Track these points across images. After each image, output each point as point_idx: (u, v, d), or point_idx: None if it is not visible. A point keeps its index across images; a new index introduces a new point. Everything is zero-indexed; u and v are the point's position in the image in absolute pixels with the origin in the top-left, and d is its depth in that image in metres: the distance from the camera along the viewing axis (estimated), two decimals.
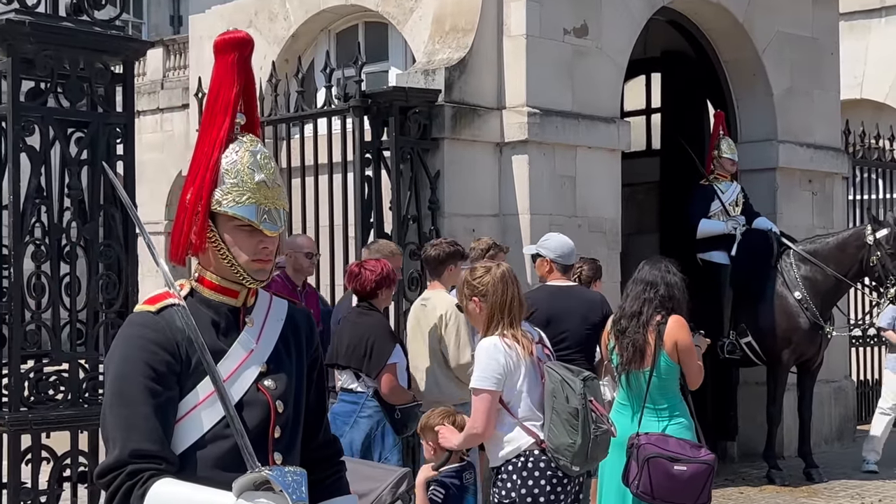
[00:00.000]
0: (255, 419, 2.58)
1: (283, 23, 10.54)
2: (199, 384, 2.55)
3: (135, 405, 2.48)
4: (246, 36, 2.69)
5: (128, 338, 2.58)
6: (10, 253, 6.21)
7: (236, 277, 2.65)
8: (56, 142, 6.34)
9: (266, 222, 2.63)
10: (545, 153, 9.04)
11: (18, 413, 6.14)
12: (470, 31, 8.98)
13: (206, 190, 2.62)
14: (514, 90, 9.00)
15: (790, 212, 11.18)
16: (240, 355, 2.62)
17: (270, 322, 2.72)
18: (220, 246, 2.63)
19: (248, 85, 2.71)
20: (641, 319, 5.72)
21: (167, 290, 2.64)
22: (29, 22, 6.17)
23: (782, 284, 10.04)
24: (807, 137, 11.40)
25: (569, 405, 4.71)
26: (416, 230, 8.48)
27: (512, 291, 4.89)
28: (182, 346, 2.55)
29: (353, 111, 8.36)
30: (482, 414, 4.76)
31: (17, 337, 6.17)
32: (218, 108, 2.67)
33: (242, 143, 2.68)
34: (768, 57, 11.05)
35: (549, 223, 9.03)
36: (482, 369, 4.78)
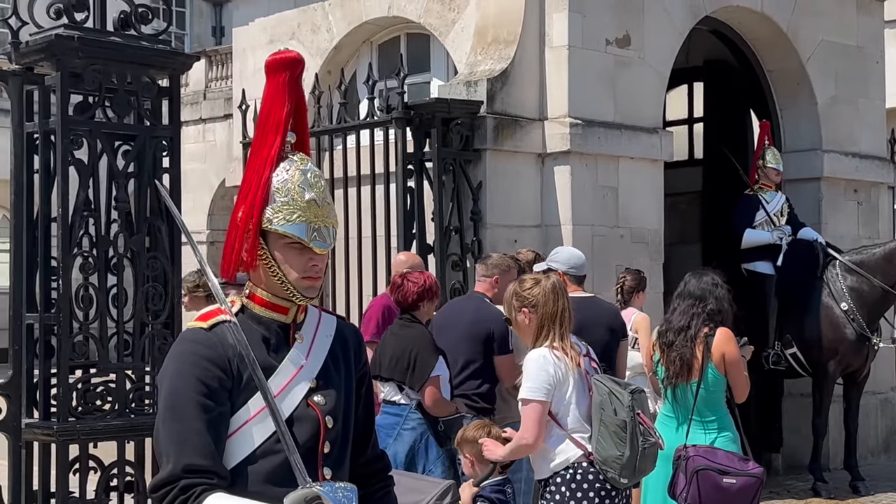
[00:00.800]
0: (305, 434, 2.62)
1: (325, 35, 10.60)
2: (250, 400, 2.59)
3: (188, 420, 2.52)
4: (297, 56, 2.73)
5: (181, 354, 2.62)
6: (59, 265, 6.27)
7: (286, 294, 2.69)
8: (103, 155, 6.41)
9: (316, 240, 2.68)
10: (587, 164, 9.05)
11: (66, 423, 6.20)
12: (512, 43, 9.00)
13: (258, 208, 2.67)
14: (557, 101, 9.01)
15: (835, 222, 11.10)
16: (290, 371, 2.66)
17: (320, 338, 2.76)
18: (271, 263, 2.67)
19: (299, 104, 2.75)
20: (689, 333, 5.72)
21: (219, 306, 2.69)
22: (77, 37, 6.23)
23: (828, 295, 9.97)
24: (852, 147, 11.32)
25: (617, 417, 4.74)
26: (459, 241, 8.50)
27: (562, 303, 4.92)
28: (234, 362, 2.59)
29: (396, 122, 8.40)
30: (533, 424, 4.77)
31: (66, 348, 6.23)
32: (269, 128, 2.72)
33: (293, 162, 2.72)
34: (812, 66, 10.99)
35: (591, 234, 9.04)
36: (532, 380, 4.80)
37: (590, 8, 9.14)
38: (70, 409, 6.22)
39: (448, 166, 8.47)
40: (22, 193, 6.41)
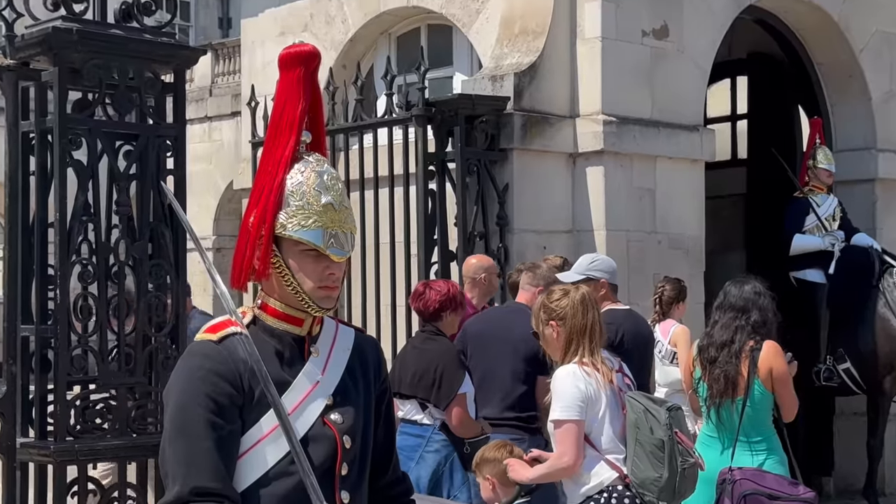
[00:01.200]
0: (321, 455, 2.63)
1: (340, 26, 10.63)
2: (262, 417, 2.61)
3: (196, 439, 2.54)
4: (312, 49, 2.74)
5: (188, 368, 2.64)
6: (56, 273, 6.30)
7: (301, 305, 2.70)
8: (104, 156, 6.45)
9: (333, 247, 2.69)
10: (622, 164, 9.04)
11: (64, 443, 6.22)
12: (541, 34, 9.00)
13: (270, 213, 2.68)
14: (589, 97, 9.01)
15: (891, 226, 11.03)
16: (305, 387, 2.68)
17: (337, 352, 2.77)
18: (285, 272, 2.69)
19: (315, 101, 2.77)
20: (733, 348, 5.70)
21: (228, 317, 2.70)
22: (76, 30, 6.26)
23: (885, 306, 9.92)
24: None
25: (653, 436, 4.74)
26: (484, 248, 8.50)
27: (592, 315, 4.92)
28: (245, 378, 2.61)
29: (416, 120, 8.42)
30: (572, 445, 4.76)
31: (63, 362, 6.25)
32: (283, 126, 2.73)
33: (308, 163, 2.73)
34: (866, 58, 10.94)
35: (626, 240, 9.03)
36: (564, 399, 4.79)
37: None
38: (68, 428, 6.24)
39: (472, 167, 8.48)
40: (17, 197, 6.44)
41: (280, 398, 2.58)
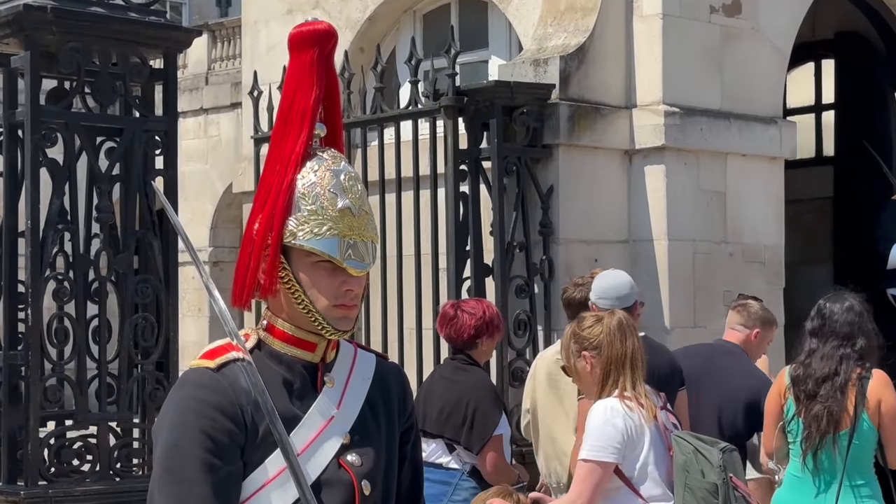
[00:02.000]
0: (337, 502, 2.62)
1: (357, 3, 10.65)
2: (267, 458, 2.60)
3: (189, 484, 2.53)
4: (328, 28, 2.73)
5: (181, 400, 2.63)
6: (28, 290, 6.34)
7: (314, 326, 2.68)
8: (82, 154, 6.48)
9: (351, 259, 2.66)
10: (687, 163, 9.01)
11: (36, 488, 6.25)
12: (592, 11, 8.99)
13: (278, 219, 2.66)
14: (648, 84, 8.99)
15: None
16: (317, 423, 2.66)
17: (355, 381, 2.76)
18: (295, 288, 2.67)
19: (330, 88, 2.75)
20: (838, 381, 5.65)
21: (229, 341, 2.69)
22: (51, 8, 6.31)
23: None
24: None
25: (705, 480, 4.78)
26: (524, 260, 8.49)
27: (631, 343, 4.97)
28: (247, 412, 2.60)
29: (445, 112, 8.41)
30: (590, 488, 4.80)
31: (35, 394, 6.28)
32: (293, 117, 2.71)
33: (323, 161, 2.71)
34: None
35: (692, 251, 9.00)
36: (596, 437, 4.83)
37: None
38: (41, 471, 6.27)
39: (511, 166, 8.47)
40: None
41: (289, 436, 2.57)
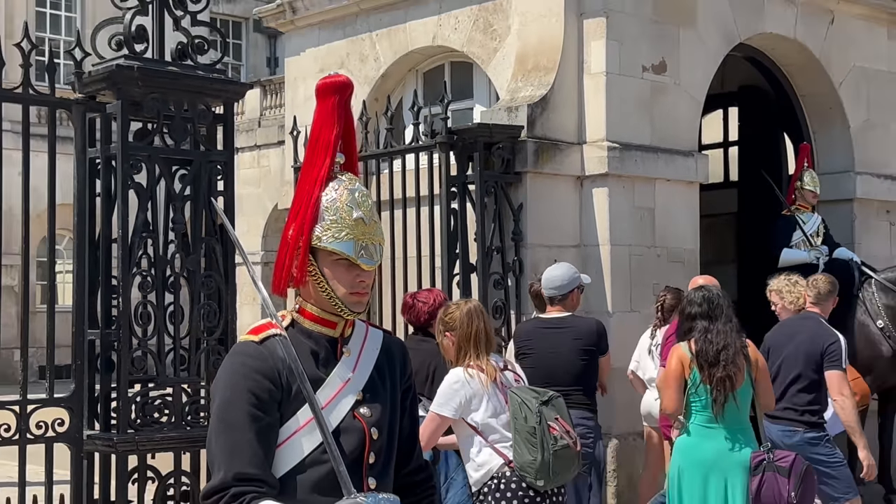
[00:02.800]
0: (351, 445, 2.60)
1: (373, 64, 10.64)
2: (299, 411, 2.58)
3: (239, 431, 2.51)
4: (346, 80, 2.72)
5: (233, 366, 2.62)
6: (119, 283, 6.33)
7: (335, 309, 2.67)
8: (161, 179, 6.46)
9: (363, 257, 2.66)
10: (625, 186, 9.00)
11: (126, 435, 6.24)
12: (551, 70, 8.98)
13: (308, 226, 2.65)
14: (595, 125, 8.98)
15: (868, 242, 10.96)
16: (337, 384, 2.64)
17: (366, 352, 2.74)
18: (320, 279, 2.66)
19: (348, 126, 2.74)
20: (731, 351, 5.70)
21: (270, 320, 2.68)
22: (137, 67, 6.30)
23: (864, 313, 9.82)
24: (884, 169, 11.19)
25: (527, 424, 5.00)
26: (500, 261, 8.47)
27: (477, 325, 5.19)
28: (283, 375, 2.58)
29: (440, 147, 8.40)
30: (428, 431, 5.06)
31: (125, 363, 6.28)
32: (319, 149, 2.70)
33: (342, 182, 2.70)
34: (845, 91, 10.89)
35: (628, 254, 8.98)
36: (441, 396, 5.15)
37: (627, 36, 9.11)
38: (129, 422, 6.26)
39: (490, 188, 8.45)
40: (84, 216, 6.48)
41: (315, 394, 2.56)
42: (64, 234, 18.23)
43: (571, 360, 6.44)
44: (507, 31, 9.49)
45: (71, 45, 6.67)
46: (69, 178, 6.55)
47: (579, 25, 9.07)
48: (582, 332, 6.66)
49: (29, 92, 6.33)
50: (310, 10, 11.10)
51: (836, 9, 10.71)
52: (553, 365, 6.39)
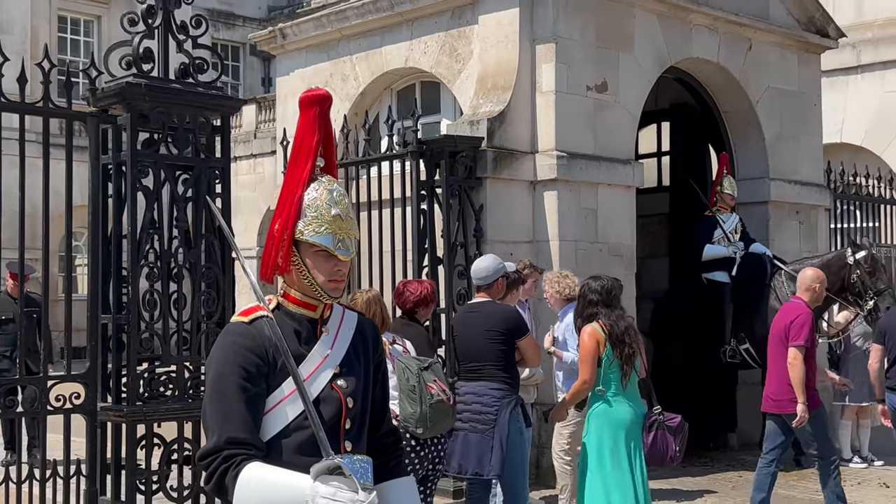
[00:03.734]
0: (330, 413, 2.58)
1: (353, 83, 10.60)
2: (283, 383, 2.55)
3: (230, 400, 2.48)
4: (326, 93, 2.69)
5: (225, 344, 2.58)
6: (129, 274, 6.27)
7: (315, 294, 2.64)
8: (166, 182, 6.40)
9: (340, 249, 2.63)
10: (571, 190, 9.00)
11: (135, 406, 6.19)
12: (508, 89, 8.98)
13: (291, 222, 2.62)
14: (545, 137, 8.98)
15: (780, 238, 11.04)
16: (317, 359, 2.62)
17: (343, 331, 2.71)
18: (302, 268, 2.63)
19: (327, 134, 2.70)
20: (632, 331, 5.94)
21: (258, 304, 2.65)
22: (144, 84, 6.25)
23: (775, 299, 9.90)
24: (794, 175, 11.27)
25: (408, 384, 5.47)
26: (464, 254, 8.46)
27: (374, 309, 5.64)
28: (270, 351, 2.55)
29: (411, 155, 8.37)
30: None
31: (134, 343, 6.22)
32: (301, 153, 2.67)
33: (322, 183, 2.67)
34: (761, 108, 10.95)
35: (575, 248, 8.99)
36: None
37: (573, 60, 9.12)
38: (138, 395, 6.21)
39: (455, 192, 8.44)
40: (98, 215, 6.41)
41: (297, 368, 2.53)
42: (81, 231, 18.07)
43: (481, 340, 6.30)
44: (469, 54, 9.47)
45: (87, 65, 6.58)
46: (84, 182, 6.48)
47: (532, 50, 9.07)
48: (492, 317, 6.39)
49: (49, 106, 6.25)
50: (298, 36, 11.04)
51: (753, 37, 10.77)
52: (469, 344, 6.38)
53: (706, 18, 10.16)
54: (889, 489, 8.73)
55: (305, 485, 2.31)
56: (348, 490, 2.27)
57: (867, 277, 9.47)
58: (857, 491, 8.68)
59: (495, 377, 6.24)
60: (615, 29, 9.46)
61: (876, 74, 16.79)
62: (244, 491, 2.37)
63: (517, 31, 9.02)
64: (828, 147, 12.84)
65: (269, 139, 21.74)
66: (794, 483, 9.04)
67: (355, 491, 2.27)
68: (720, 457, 10.33)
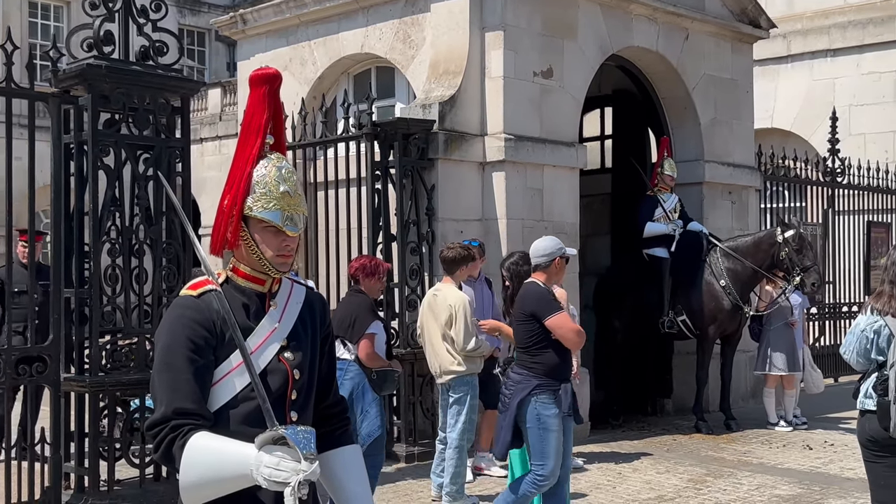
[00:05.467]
0: (277, 384, 2.50)
1: (311, 67, 10.44)
2: (231, 355, 2.47)
3: (178, 371, 2.40)
4: (275, 71, 2.60)
5: (173, 317, 2.49)
6: (91, 250, 6.14)
7: (263, 269, 2.56)
8: (127, 161, 6.26)
9: (288, 225, 2.55)
10: (518, 171, 8.96)
11: (97, 377, 6.08)
12: (459, 74, 8.89)
13: (241, 197, 2.53)
14: (494, 120, 8.92)
15: (714, 217, 11.11)
16: (265, 332, 2.54)
17: (291, 305, 2.64)
18: (251, 243, 2.54)
19: (277, 112, 2.62)
20: None
21: (207, 277, 2.56)
22: (105, 66, 6.10)
23: (710, 274, 9.98)
24: (727, 158, 11.34)
25: None
26: (416, 231, 8.40)
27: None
28: (218, 324, 2.47)
29: (366, 137, 8.28)
30: None
31: (96, 317, 6.11)
32: (251, 131, 2.58)
33: (271, 160, 2.58)
34: (697, 94, 10.98)
35: (521, 226, 8.96)
36: None
37: (521, 47, 9.05)
38: (100, 366, 6.10)
39: (407, 172, 8.36)
40: (60, 193, 6.26)
41: (245, 340, 2.45)
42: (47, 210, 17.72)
43: (514, 324, 5.76)
44: (422, 41, 9.36)
45: (48, 47, 6.39)
46: (47, 161, 6.31)
47: (482, 38, 8.99)
48: (523, 297, 5.74)
49: (11, 86, 6.06)
50: (258, 21, 10.85)
51: (690, 27, 10.77)
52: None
53: (646, 9, 10.14)
54: (812, 451, 8.86)
55: (250, 454, 2.24)
56: (291, 460, 2.21)
57: (795, 255, 9.58)
58: (783, 452, 8.80)
59: (520, 361, 5.73)
60: (560, 18, 9.41)
61: (805, 63, 16.95)
62: (190, 460, 2.29)
63: (467, 19, 8.93)
64: (759, 132, 12.96)
65: (233, 121, 21.42)
66: (724, 445, 9.14)
67: (298, 461, 2.21)
68: (657, 421, 10.42)
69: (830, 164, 13.33)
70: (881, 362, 4.38)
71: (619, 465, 8.25)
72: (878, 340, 4.39)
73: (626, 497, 7.10)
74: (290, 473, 2.21)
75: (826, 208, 13.26)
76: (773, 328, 9.94)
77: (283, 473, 2.21)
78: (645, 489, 7.34)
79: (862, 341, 4.44)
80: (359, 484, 2.68)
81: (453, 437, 6.63)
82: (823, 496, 7.09)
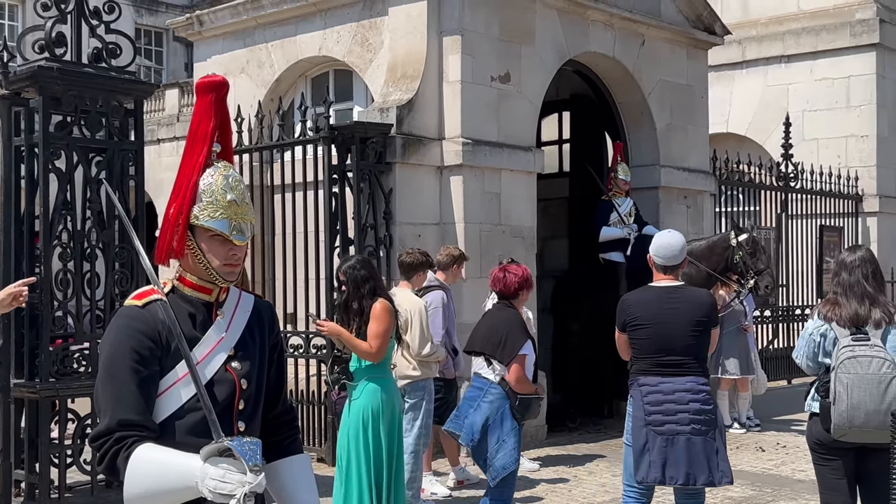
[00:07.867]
0: (224, 394, 2.48)
1: (269, 69, 10.38)
2: (177, 365, 2.44)
3: (122, 382, 2.37)
4: (222, 79, 2.57)
5: (117, 327, 2.46)
6: (42, 254, 6.06)
7: (210, 278, 2.54)
8: (79, 165, 6.18)
9: (236, 234, 2.52)
10: (476, 175, 8.98)
11: (48, 383, 5.99)
12: (416, 78, 8.89)
13: (187, 206, 2.51)
14: (452, 124, 8.93)
15: (669, 221, 11.19)
16: (212, 342, 2.51)
17: (238, 314, 2.61)
18: (198, 252, 2.52)
19: (224, 120, 2.59)
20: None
21: (153, 287, 2.53)
22: (57, 67, 6.02)
23: None
24: (683, 163, 11.45)
25: None
26: (374, 236, 8.38)
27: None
28: (163, 335, 2.44)
29: (323, 141, 8.24)
30: None
31: (47, 321, 6.02)
32: (198, 138, 2.55)
33: (217, 168, 2.56)
34: (653, 99, 11.08)
35: (479, 230, 8.99)
36: None
37: (478, 51, 9.07)
38: (51, 372, 6.00)
39: (365, 176, 8.34)
40: (10, 196, 6.18)
41: (191, 351, 2.42)
42: None
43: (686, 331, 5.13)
44: (380, 44, 9.35)
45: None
46: None
47: (440, 42, 9.00)
48: (695, 304, 5.20)
49: None
50: (215, 23, 10.76)
51: (646, 33, 10.87)
52: (672, 333, 5.13)
53: (603, 15, 10.22)
54: (764, 452, 8.97)
55: (195, 466, 2.23)
56: (237, 472, 2.20)
57: (748, 258, 9.68)
58: (736, 454, 8.90)
59: (703, 372, 5.21)
60: (518, 23, 9.44)
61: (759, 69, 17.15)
62: (135, 472, 2.27)
63: (425, 23, 8.94)
64: (714, 137, 13.09)
65: None
66: None
67: (244, 472, 2.19)
68: (614, 424, 10.48)
69: (784, 169, 13.52)
70: (828, 365, 4.46)
71: (575, 468, 8.29)
72: (825, 344, 4.47)
73: (581, 500, 7.13)
74: (236, 486, 2.19)
75: (779, 212, 13.43)
76: (726, 332, 10.04)
77: (229, 486, 2.20)
78: (600, 492, 7.39)
79: (810, 345, 4.52)
80: (308, 492, 2.66)
81: (409, 441, 6.62)
82: (775, 498, 7.18)
